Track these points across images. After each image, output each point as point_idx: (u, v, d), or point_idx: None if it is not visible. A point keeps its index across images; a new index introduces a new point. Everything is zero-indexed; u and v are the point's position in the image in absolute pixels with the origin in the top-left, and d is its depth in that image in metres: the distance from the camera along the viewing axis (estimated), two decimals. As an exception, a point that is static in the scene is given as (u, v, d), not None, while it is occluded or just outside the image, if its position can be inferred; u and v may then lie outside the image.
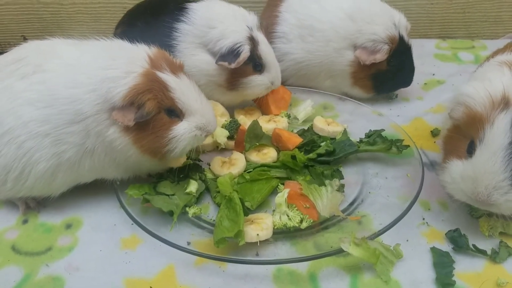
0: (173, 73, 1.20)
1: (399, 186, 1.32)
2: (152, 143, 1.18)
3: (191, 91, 1.23)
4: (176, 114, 1.20)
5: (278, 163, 1.41)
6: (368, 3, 1.68)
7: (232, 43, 1.46)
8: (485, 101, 1.08)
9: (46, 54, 1.24)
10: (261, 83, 1.55)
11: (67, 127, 1.17)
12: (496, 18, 2.23)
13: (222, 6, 1.58)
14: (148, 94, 1.14)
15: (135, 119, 1.13)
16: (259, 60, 1.53)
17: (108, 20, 2.25)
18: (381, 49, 1.60)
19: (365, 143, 1.44)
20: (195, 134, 1.22)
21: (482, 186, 1.07)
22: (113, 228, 1.27)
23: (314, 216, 1.22)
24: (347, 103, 1.68)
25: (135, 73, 1.15)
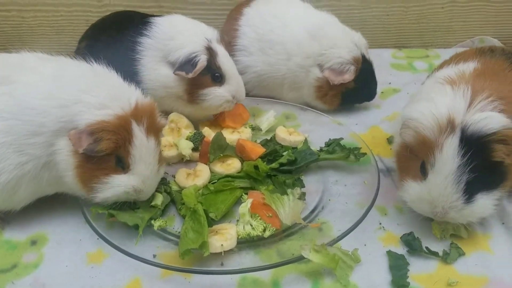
0: (146, 132, 1.21)
1: (357, 193, 1.39)
2: (88, 176, 1.18)
3: (149, 157, 1.22)
4: (123, 165, 1.20)
5: (242, 173, 1.45)
6: (329, 25, 1.75)
7: (189, 53, 1.49)
8: (433, 125, 1.13)
9: (14, 66, 1.25)
10: (219, 95, 1.56)
11: (29, 139, 1.17)
12: (448, 28, 2.34)
13: (183, 20, 1.63)
14: (111, 135, 1.14)
15: (85, 149, 1.13)
16: (217, 71, 1.54)
17: (70, 32, 2.25)
18: (349, 70, 1.68)
19: (324, 152, 1.50)
20: (128, 192, 1.21)
21: (439, 207, 1.16)
22: (79, 243, 1.28)
23: (276, 225, 1.26)
24: (308, 113, 1.74)
25: (112, 112, 1.15)
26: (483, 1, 2.27)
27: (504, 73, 1.25)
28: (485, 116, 1.10)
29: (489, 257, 1.23)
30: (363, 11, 2.26)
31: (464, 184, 1.12)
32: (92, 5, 2.20)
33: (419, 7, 2.28)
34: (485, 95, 1.13)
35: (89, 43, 1.72)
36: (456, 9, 2.29)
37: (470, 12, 2.30)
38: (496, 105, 1.12)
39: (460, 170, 1.11)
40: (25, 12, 2.20)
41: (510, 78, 1.24)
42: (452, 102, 1.14)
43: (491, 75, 1.23)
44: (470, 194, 1.14)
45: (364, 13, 2.27)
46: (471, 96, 1.14)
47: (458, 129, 1.11)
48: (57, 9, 2.20)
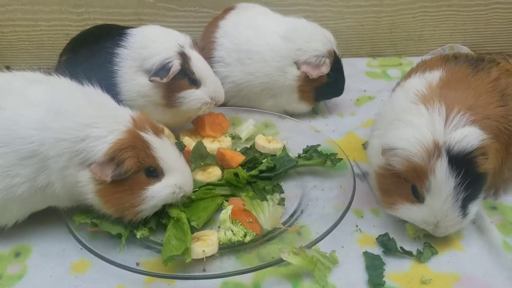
0: (155, 134, 1.24)
1: (334, 197, 1.43)
2: (120, 199, 1.19)
3: (171, 152, 1.27)
4: (156, 173, 1.23)
5: (222, 181, 1.48)
6: (301, 24, 1.82)
7: (162, 59, 1.52)
8: (421, 152, 1.16)
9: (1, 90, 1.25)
10: (197, 97, 1.58)
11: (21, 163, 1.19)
12: (419, 37, 2.42)
13: (156, 28, 1.66)
14: (129, 152, 1.16)
15: (113, 177, 1.14)
16: (192, 75, 1.57)
17: (51, 47, 2.27)
18: (325, 63, 1.75)
19: (302, 158, 1.54)
20: (173, 192, 1.24)
21: (443, 227, 1.23)
22: (62, 253, 1.30)
23: (257, 230, 1.30)
24: (286, 121, 1.79)
25: (119, 131, 1.18)
26: (451, 10, 2.36)
27: (467, 80, 1.31)
28: (465, 134, 1.16)
29: (460, 255, 1.28)
30: (337, 21, 2.33)
31: (461, 201, 1.19)
32: (72, 19, 2.22)
33: (391, 17, 2.36)
34: (456, 109, 1.19)
35: (69, 56, 1.75)
36: (426, 18, 2.37)
37: (440, 20, 2.38)
38: (468, 117, 1.19)
39: (456, 190, 1.18)
40: (4, 27, 2.21)
41: (473, 84, 1.30)
42: (431, 124, 1.19)
43: (455, 83, 1.29)
44: (465, 207, 1.21)
45: (339, 23, 2.33)
46: (445, 113, 1.19)
47: (444, 151, 1.16)
48: (37, 23, 2.22)
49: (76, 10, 2.20)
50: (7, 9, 2.17)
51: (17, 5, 2.17)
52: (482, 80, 1.31)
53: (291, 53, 1.77)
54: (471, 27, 2.41)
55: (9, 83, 1.28)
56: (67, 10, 2.20)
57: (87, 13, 2.22)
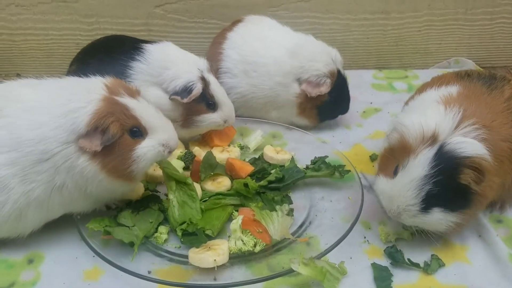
0: (131, 97, 1.29)
1: (342, 208, 1.45)
2: (118, 165, 1.24)
3: (150, 110, 1.31)
4: (140, 133, 1.27)
5: (232, 191, 1.50)
6: (308, 42, 1.84)
7: (185, 82, 1.57)
8: (417, 134, 1.22)
9: (3, 99, 1.28)
10: (214, 121, 1.65)
11: (35, 167, 1.21)
12: (425, 50, 2.45)
13: (175, 50, 1.69)
14: (110, 117, 1.21)
15: (102, 143, 1.19)
16: (211, 99, 1.63)
17: (61, 55, 2.30)
18: (325, 83, 1.76)
19: (311, 170, 1.57)
20: (158, 151, 1.30)
21: (395, 205, 1.24)
22: (75, 260, 1.32)
23: (266, 240, 1.32)
24: (294, 132, 1.81)
25: (95, 100, 1.22)
26: (457, 24, 2.40)
27: (483, 98, 1.33)
28: (464, 140, 1.19)
29: (467, 267, 1.30)
30: (344, 34, 2.36)
31: (425, 194, 1.20)
32: (82, 29, 2.25)
33: (397, 30, 2.39)
34: (472, 121, 1.22)
35: (79, 66, 1.77)
36: (432, 32, 2.41)
37: (445, 34, 2.42)
38: (480, 133, 1.21)
39: (426, 179, 1.19)
40: (15, 35, 2.24)
41: (489, 103, 1.31)
42: (442, 121, 1.23)
43: (473, 99, 1.31)
44: (428, 205, 1.22)
45: (346, 35, 2.37)
46: (459, 120, 1.22)
47: (437, 145, 1.20)
48: (48, 32, 2.25)
49: (87, 20, 2.24)
50: (19, 18, 2.20)
51: (28, 14, 2.20)
52: (497, 99, 1.33)
53: (294, 70, 1.79)
54: (476, 41, 2.45)
55: (9, 91, 1.31)
56: (77, 20, 2.23)
57: (98, 23, 2.25)
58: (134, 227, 1.34)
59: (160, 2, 2.23)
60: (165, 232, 1.37)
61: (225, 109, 1.67)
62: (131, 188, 1.41)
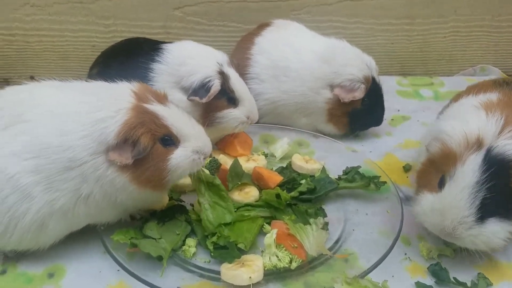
0: (160, 103, 1.22)
1: (379, 222, 1.37)
2: (150, 176, 1.17)
3: (181, 117, 1.24)
4: (172, 141, 1.20)
5: (260, 202, 1.42)
6: (342, 47, 1.78)
7: (202, 78, 1.50)
8: (461, 140, 1.16)
9: (24, 102, 1.21)
10: (235, 117, 1.58)
11: (60, 175, 1.14)
12: (450, 57, 2.39)
13: (193, 45, 1.64)
14: (140, 128, 1.14)
15: (133, 157, 1.12)
16: (231, 94, 1.56)
17: (76, 58, 2.24)
18: (359, 88, 1.69)
19: (344, 180, 1.49)
20: (193, 159, 1.23)
21: (449, 220, 1.15)
22: (99, 275, 1.24)
23: (302, 256, 1.24)
24: (321, 140, 1.74)
25: (124, 109, 1.15)
26: (483, 31, 2.33)
27: None
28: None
29: (515, 287, 1.23)
30: (368, 39, 2.30)
31: (479, 202, 1.12)
32: (99, 31, 2.19)
33: (422, 36, 2.32)
34: None
35: (100, 70, 1.71)
36: (457, 39, 2.34)
37: (471, 41, 2.35)
38: None
39: (478, 186, 1.11)
40: (30, 36, 2.18)
41: None
42: (485, 125, 1.17)
43: None
44: (483, 215, 1.13)
45: (369, 41, 2.30)
46: (502, 125, 1.16)
47: (484, 149, 1.13)
48: (63, 34, 2.19)
49: (103, 21, 2.17)
50: (33, 19, 2.14)
51: (43, 15, 2.14)
52: None
53: (326, 75, 1.72)
54: (503, 49, 2.38)
55: (31, 94, 1.23)
56: (94, 22, 2.17)
57: (114, 25, 2.19)
58: (161, 240, 1.27)
59: (179, 4, 2.17)
60: (194, 245, 1.30)
61: (247, 104, 1.59)
62: (160, 198, 1.34)
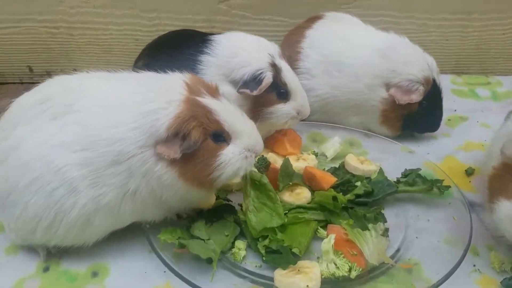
0: (213, 97, 1.15)
1: (444, 230, 1.27)
2: (199, 173, 1.11)
3: (234, 113, 1.17)
4: (223, 138, 1.14)
5: (313, 204, 1.34)
6: (402, 44, 1.67)
7: (254, 70, 1.42)
8: None
9: (74, 92, 1.16)
10: (286, 112, 1.49)
11: (108, 169, 1.09)
12: (509, 55, 2.24)
13: (244, 36, 1.56)
14: (192, 122, 1.07)
15: (182, 151, 1.06)
16: (283, 87, 1.48)
17: (119, 51, 2.20)
18: (417, 90, 1.58)
19: (403, 184, 1.39)
20: (245, 156, 1.16)
21: None
22: (144, 275, 1.18)
23: (362, 264, 1.15)
24: (374, 139, 1.64)
25: (177, 101, 1.09)
26: (546, 27, 2.18)
27: None
28: None
29: None
30: (420, 35, 2.17)
31: None
32: (142, 24, 2.14)
33: (478, 32, 2.18)
34: None
35: (147, 62, 1.65)
36: (518, 36, 2.19)
37: (533, 38, 2.20)
38: None
39: None
40: (73, 29, 2.15)
41: None
42: None
43: None
44: None
45: (422, 37, 2.17)
46: None
47: None
48: (107, 27, 2.15)
49: (148, 14, 2.13)
50: (78, 11, 2.11)
51: (88, 8, 2.11)
52: None
53: (384, 73, 1.61)
54: None
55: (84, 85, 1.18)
56: (138, 15, 2.13)
57: (158, 18, 2.14)
58: (210, 241, 1.20)
59: (224, -3, 2.11)
60: (243, 248, 1.22)
61: (298, 99, 1.51)
62: (208, 197, 1.27)
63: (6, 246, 1.27)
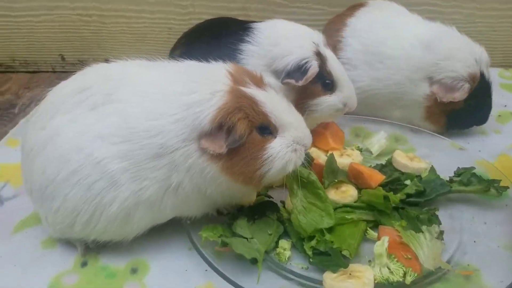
0: (258, 87, 1.08)
1: (502, 234, 1.19)
2: (245, 168, 1.04)
3: (281, 104, 1.10)
4: (269, 130, 1.07)
5: (360, 203, 1.27)
6: (448, 35, 1.57)
7: (298, 59, 1.35)
8: None
9: (114, 81, 1.10)
10: (332, 104, 1.42)
11: (149, 162, 1.03)
12: (561, 47, 2.12)
13: (287, 24, 1.49)
14: (238, 114, 1.01)
15: (227, 146, 1.00)
16: (329, 78, 1.40)
17: (152, 40, 2.16)
18: (461, 88, 1.49)
19: (457, 183, 1.30)
20: (295, 149, 1.08)
21: None
22: (185, 273, 1.14)
23: (417, 269, 1.07)
24: (421, 135, 1.56)
25: (221, 92, 1.03)
26: None
27: None
28: None
29: None
30: (467, 25, 2.07)
31: None
32: (176, 13, 2.09)
33: (529, 23, 2.07)
34: None
35: (184, 51, 1.59)
36: None
37: None
38: None
39: None
40: (106, 17, 2.11)
41: None
42: None
43: None
44: None
45: (468, 27, 2.07)
46: None
47: None
48: (140, 15, 2.11)
49: (181, 2, 2.08)
50: (111, -1, 2.07)
51: (121, -5, 2.06)
52: None
53: (427, 66, 1.53)
54: None
55: (124, 74, 1.13)
56: (172, 3, 2.08)
57: (192, 6, 2.08)
58: (253, 240, 1.14)
59: (260, -16, 2.04)
60: (288, 248, 1.16)
61: (345, 90, 1.43)
62: (250, 193, 1.21)
63: (43, 239, 1.23)
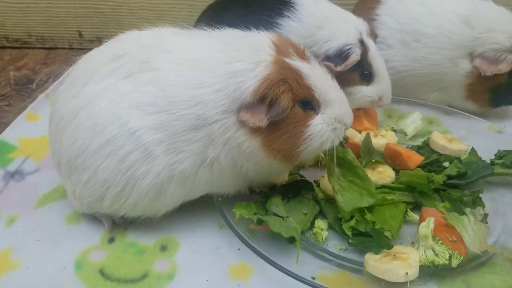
0: (302, 59, 1.02)
1: (547, 218, 1.13)
2: (284, 144, 0.98)
3: (326, 78, 1.04)
4: (312, 106, 1.01)
5: (399, 184, 1.21)
6: (486, 8, 1.51)
7: (342, 44, 1.31)
8: None
9: (151, 48, 1.05)
10: (367, 94, 1.38)
11: (186, 134, 0.98)
12: None
13: (332, 6, 1.44)
14: (282, 86, 0.95)
15: (269, 118, 0.94)
16: (368, 68, 1.36)
17: (172, 17, 2.10)
18: (505, 59, 1.43)
19: (500, 165, 1.25)
20: (335, 127, 1.02)
21: None
22: (217, 252, 1.09)
23: (463, 252, 1.02)
24: (455, 116, 1.50)
25: (265, 62, 0.97)
26: None
27: None
28: None
29: None
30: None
31: None
32: (199, -11, 2.03)
33: None
34: None
35: (210, 23, 1.52)
36: None
37: None
38: None
39: None
40: (126, -8, 2.05)
41: None
42: None
43: None
44: None
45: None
46: None
47: None
48: (161, -10, 2.05)
49: (204, -22, 2.00)
50: (131, -27, 2.01)
51: (141, -30, 2.00)
52: None
53: (468, 42, 1.47)
54: None
55: (160, 41, 1.07)
56: (194, -22, 2.01)
57: (215, -18, 2.01)
58: (289, 218, 1.09)
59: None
60: (325, 228, 1.11)
61: (382, 83, 1.39)
62: (285, 171, 1.16)
63: (67, 214, 1.19)
